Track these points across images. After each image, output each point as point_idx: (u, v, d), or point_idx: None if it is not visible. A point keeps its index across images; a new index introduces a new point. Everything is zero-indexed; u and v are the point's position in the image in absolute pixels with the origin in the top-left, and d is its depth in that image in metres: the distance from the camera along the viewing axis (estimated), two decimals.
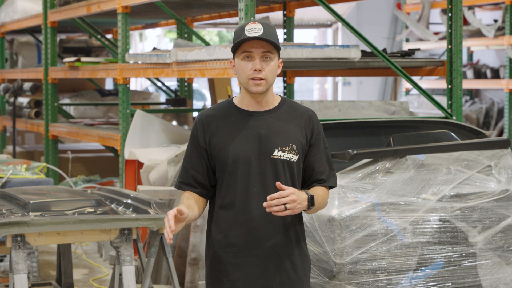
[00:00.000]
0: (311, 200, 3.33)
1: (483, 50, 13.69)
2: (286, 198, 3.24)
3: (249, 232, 3.39)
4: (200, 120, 3.45)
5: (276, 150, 3.40)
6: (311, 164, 3.47)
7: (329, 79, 19.94)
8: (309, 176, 3.48)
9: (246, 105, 3.44)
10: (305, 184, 3.50)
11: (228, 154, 3.38)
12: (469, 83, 12.28)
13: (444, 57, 11.14)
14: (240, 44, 3.34)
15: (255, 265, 3.41)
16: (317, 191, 3.45)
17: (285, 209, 3.24)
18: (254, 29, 3.32)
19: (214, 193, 3.47)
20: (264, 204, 3.25)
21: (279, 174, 3.39)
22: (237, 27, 3.41)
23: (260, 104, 3.43)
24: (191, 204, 3.39)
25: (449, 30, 6.14)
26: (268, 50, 3.35)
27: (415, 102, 13.36)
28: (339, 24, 18.59)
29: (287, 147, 3.41)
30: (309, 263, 3.55)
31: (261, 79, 3.35)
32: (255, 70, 3.34)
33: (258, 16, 8.37)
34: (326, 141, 3.53)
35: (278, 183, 3.28)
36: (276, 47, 3.36)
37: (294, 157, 3.42)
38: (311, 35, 22.47)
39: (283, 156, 3.40)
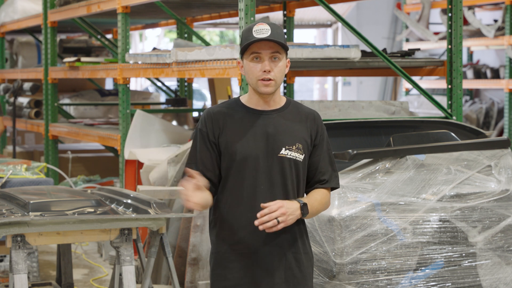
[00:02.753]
0: (303, 208, 3.35)
1: (483, 50, 13.69)
2: (276, 212, 3.27)
3: (255, 229, 3.38)
4: (208, 116, 3.46)
5: (284, 149, 3.42)
6: (314, 165, 3.49)
7: (329, 79, 19.94)
8: (311, 176, 3.51)
9: (254, 104, 3.46)
10: (307, 184, 3.52)
11: (236, 152, 3.40)
12: (469, 83, 12.28)
13: (444, 57, 11.14)
14: (248, 46, 3.36)
15: (260, 262, 3.43)
16: (315, 195, 3.47)
17: (278, 222, 3.26)
18: (262, 30, 3.34)
19: (216, 191, 3.48)
20: (256, 222, 3.28)
21: (286, 173, 3.42)
22: (245, 28, 3.43)
23: (268, 104, 3.46)
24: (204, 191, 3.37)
25: (449, 30, 6.14)
26: (277, 51, 3.37)
27: (415, 102, 13.35)
28: (339, 24, 18.58)
29: (294, 146, 3.44)
30: (312, 262, 3.57)
31: (270, 79, 3.37)
32: (264, 71, 3.36)
33: (258, 16, 8.37)
34: (329, 143, 3.55)
35: (262, 204, 3.29)
36: (284, 47, 3.39)
37: (300, 156, 3.44)
38: (311, 35, 22.47)
39: (290, 155, 3.42)
